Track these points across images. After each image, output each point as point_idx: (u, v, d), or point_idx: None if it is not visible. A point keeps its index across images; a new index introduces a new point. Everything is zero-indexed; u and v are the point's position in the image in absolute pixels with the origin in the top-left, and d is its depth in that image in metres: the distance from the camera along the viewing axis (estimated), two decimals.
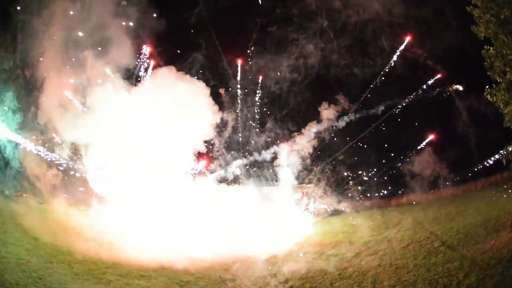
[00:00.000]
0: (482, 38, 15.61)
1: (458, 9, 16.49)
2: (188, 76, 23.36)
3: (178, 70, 23.40)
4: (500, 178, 22.24)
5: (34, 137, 24.03)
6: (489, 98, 15.71)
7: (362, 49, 26.98)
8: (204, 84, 23.42)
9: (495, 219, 15.76)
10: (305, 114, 28.43)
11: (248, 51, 29.39)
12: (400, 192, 25.43)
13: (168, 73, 23.06)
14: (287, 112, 29.05)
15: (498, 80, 15.35)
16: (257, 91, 29.94)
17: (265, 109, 30.10)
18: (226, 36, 29.01)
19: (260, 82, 29.73)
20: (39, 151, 23.66)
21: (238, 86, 29.73)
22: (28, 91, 24.65)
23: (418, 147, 25.67)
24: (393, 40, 26.06)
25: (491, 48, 15.35)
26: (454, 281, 11.34)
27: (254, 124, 29.74)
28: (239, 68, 29.72)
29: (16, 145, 23.87)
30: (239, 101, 29.70)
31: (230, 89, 29.73)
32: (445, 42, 23.13)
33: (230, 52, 29.50)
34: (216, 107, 23.97)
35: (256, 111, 30.08)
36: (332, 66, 26.97)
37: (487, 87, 15.54)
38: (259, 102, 30.05)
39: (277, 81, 28.82)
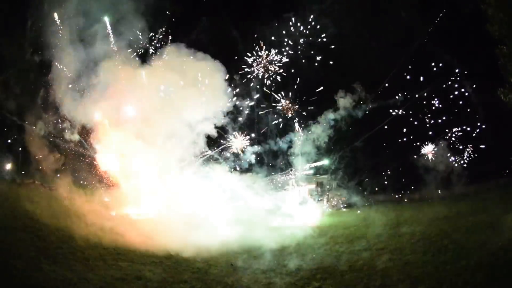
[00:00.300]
0: (496, 37, 15.52)
1: None
2: (198, 54, 23.04)
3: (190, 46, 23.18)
4: (510, 180, 22.03)
5: (42, 121, 23.71)
6: (502, 98, 15.74)
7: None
8: (216, 63, 23.20)
9: (503, 221, 15.82)
10: (321, 100, 28.24)
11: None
12: (413, 187, 25.38)
13: (177, 51, 22.89)
14: (302, 97, 28.90)
15: (511, 80, 15.34)
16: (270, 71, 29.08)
17: (279, 95, 29.58)
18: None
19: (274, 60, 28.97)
20: (48, 136, 23.58)
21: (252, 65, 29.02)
22: (35, 73, 24.16)
23: (433, 143, 25.36)
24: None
25: (505, 47, 15.26)
26: (461, 280, 11.52)
27: (268, 108, 29.21)
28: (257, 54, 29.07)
29: (25, 130, 23.65)
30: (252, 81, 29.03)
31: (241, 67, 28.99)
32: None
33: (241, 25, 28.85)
34: (229, 90, 24.13)
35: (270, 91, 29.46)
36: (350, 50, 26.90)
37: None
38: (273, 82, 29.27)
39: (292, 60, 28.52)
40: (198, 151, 24.23)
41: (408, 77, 26.49)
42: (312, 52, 27.90)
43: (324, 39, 27.34)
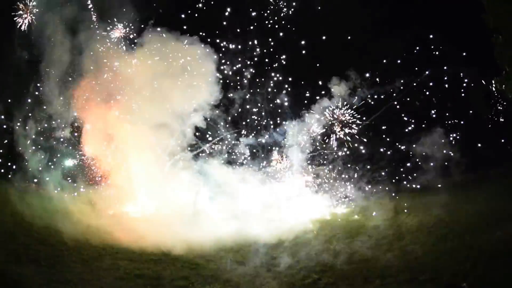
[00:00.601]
0: (492, 27, 15.49)
1: None
2: (183, 37, 22.27)
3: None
4: (510, 168, 21.95)
5: (32, 121, 22.89)
6: (498, 87, 15.75)
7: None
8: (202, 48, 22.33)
9: (503, 209, 15.83)
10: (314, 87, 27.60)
11: None
12: (410, 177, 25.25)
13: (159, 35, 22.15)
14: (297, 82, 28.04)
15: (507, 69, 15.36)
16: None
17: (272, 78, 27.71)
18: None
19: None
20: (38, 135, 22.94)
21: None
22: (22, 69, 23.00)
23: (430, 130, 25.19)
24: None
25: (501, 36, 15.25)
26: (461, 271, 11.54)
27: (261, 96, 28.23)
28: None
29: (16, 133, 22.67)
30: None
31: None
32: None
33: None
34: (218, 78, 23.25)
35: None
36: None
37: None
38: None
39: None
40: (189, 145, 23.98)
41: (405, 63, 26.09)
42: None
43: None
